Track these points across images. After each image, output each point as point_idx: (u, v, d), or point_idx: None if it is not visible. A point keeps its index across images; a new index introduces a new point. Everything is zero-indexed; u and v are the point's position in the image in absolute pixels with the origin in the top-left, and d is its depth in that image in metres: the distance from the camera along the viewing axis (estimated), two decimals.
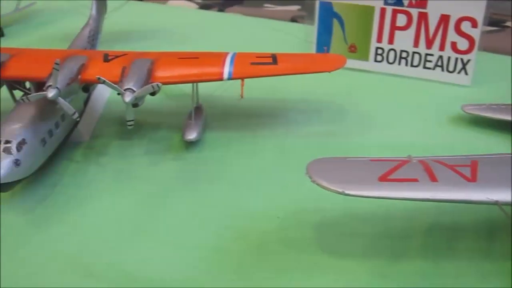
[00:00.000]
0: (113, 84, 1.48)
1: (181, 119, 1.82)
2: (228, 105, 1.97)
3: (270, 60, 1.67)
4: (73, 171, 1.66)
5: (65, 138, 1.68)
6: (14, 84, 1.68)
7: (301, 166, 1.62)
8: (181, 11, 3.01)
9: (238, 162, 1.68)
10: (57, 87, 1.48)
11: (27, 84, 1.72)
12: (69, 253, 1.36)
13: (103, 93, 2.01)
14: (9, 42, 2.59)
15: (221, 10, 2.97)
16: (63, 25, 2.78)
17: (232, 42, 2.50)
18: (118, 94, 1.51)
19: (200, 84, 1.74)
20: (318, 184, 1.17)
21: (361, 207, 1.46)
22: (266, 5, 3.02)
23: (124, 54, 1.71)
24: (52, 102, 1.50)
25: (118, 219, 1.46)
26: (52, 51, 1.78)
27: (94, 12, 2.24)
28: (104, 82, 1.46)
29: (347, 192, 1.14)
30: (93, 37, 2.14)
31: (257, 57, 1.70)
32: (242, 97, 1.60)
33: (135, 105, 1.53)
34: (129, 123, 1.53)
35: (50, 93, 1.47)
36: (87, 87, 1.73)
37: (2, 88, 1.69)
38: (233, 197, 1.53)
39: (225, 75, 1.62)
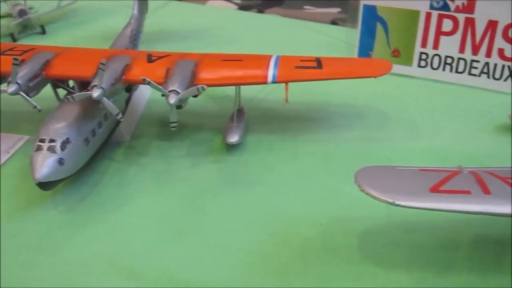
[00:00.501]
0: (158, 85, 1.47)
1: (223, 121, 1.81)
2: (270, 108, 1.94)
3: (314, 64, 1.65)
4: (114, 171, 1.66)
5: (107, 138, 1.69)
6: (58, 82, 1.69)
7: (343, 171, 1.62)
8: (220, 12, 2.99)
9: (279, 166, 1.66)
10: (102, 87, 1.48)
11: (70, 83, 1.73)
12: (110, 253, 1.36)
13: (144, 93, 2.02)
14: (50, 40, 2.61)
15: (260, 11, 2.95)
16: (104, 24, 2.79)
17: (272, 44, 2.49)
18: (163, 95, 1.50)
19: (242, 86, 1.72)
20: (367, 194, 1.14)
21: (405, 216, 1.42)
22: (306, 7, 2.99)
23: (168, 55, 1.70)
24: (97, 102, 1.50)
25: (159, 220, 1.46)
26: (96, 50, 1.78)
27: (136, 11, 2.25)
28: (149, 84, 1.46)
29: (398, 202, 1.11)
30: (135, 37, 2.14)
31: (301, 60, 1.68)
32: (287, 101, 1.58)
33: (179, 106, 1.52)
34: (172, 124, 1.52)
35: (95, 93, 1.47)
36: (130, 87, 1.73)
37: (45, 87, 1.70)
38: (274, 202, 1.51)
39: (269, 79, 1.60)
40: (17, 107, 1.94)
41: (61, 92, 1.73)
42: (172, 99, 1.47)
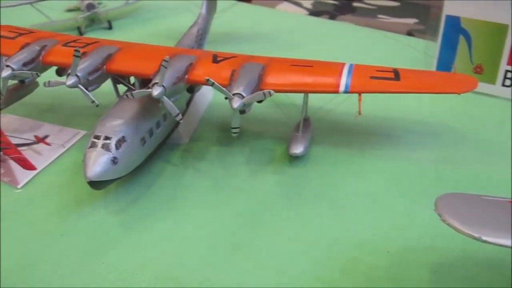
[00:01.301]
0: (221, 87, 1.37)
1: (286, 130, 1.71)
2: (337, 120, 1.82)
3: (391, 75, 1.51)
4: (169, 174, 1.58)
5: (164, 139, 1.61)
6: (118, 78, 1.62)
7: (414, 195, 1.48)
8: (289, 16, 2.89)
9: (344, 183, 1.54)
10: (163, 86, 1.40)
11: (132, 80, 1.66)
12: (158, 263, 1.27)
13: (206, 95, 1.93)
14: (116, 36, 2.59)
15: (332, 17, 2.83)
16: (170, 22, 2.75)
17: (342, 52, 2.37)
18: (226, 98, 1.41)
19: (310, 94, 1.61)
20: (449, 225, 0.99)
21: (485, 252, 1.27)
22: (380, 16, 2.84)
23: (234, 57, 1.61)
24: (156, 101, 1.42)
25: (213, 232, 1.36)
26: (160, 47, 1.71)
27: (204, 10, 2.18)
28: (213, 85, 1.36)
29: (484, 238, 0.96)
30: (201, 37, 2.06)
31: (377, 70, 1.54)
32: (359, 113, 1.45)
33: (242, 111, 1.42)
34: (234, 130, 1.43)
35: (156, 91, 1.39)
36: (192, 88, 1.65)
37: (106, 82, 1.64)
38: (337, 222, 1.39)
39: (342, 88, 1.47)
40: (77, 101, 1.91)
41: (121, 88, 1.67)
42: (236, 103, 1.37)
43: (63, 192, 1.51)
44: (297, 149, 1.57)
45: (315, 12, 2.93)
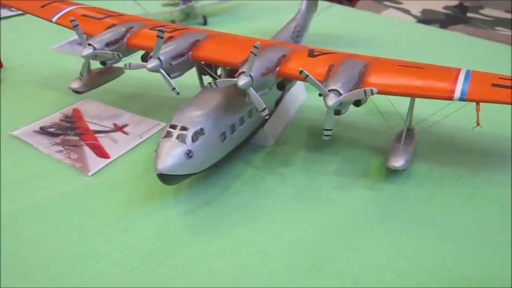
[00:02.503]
0: (316, 81, 1.19)
1: (385, 141, 1.50)
2: (445, 133, 1.58)
3: None
4: (249, 177, 1.42)
5: (247, 138, 1.45)
6: (204, 67, 1.48)
7: None
8: (395, 23, 2.66)
9: (450, 208, 1.30)
10: (250, 75, 1.24)
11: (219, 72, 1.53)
12: (226, 274, 1.12)
13: (298, 97, 1.76)
14: None
15: (443, 27, 2.57)
16: (266, 22, 2.60)
17: (455, 65, 2.10)
18: (320, 95, 1.23)
19: (416, 102, 1.39)
20: None
21: None
22: (498, 28, 2.55)
23: (332, 53, 1.43)
24: (242, 93, 1.27)
25: (292, 246, 1.19)
26: (253, 38, 1.56)
27: (303, 7, 2.01)
28: (306, 78, 1.19)
29: None
30: (298, 34, 1.90)
31: (500, 78, 1.31)
32: (478, 124, 1.22)
33: (337, 112, 1.23)
34: (326, 132, 1.24)
35: (242, 81, 1.23)
36: (283, 84, 1.47)
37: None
38: (441, 253, 1.16)
39: (457, 94, 1.25)
40: (160, 91, 1.80)
41: (206, 80, 1.54)
42: (331, 101, 1.18)
43: (133, 184, 1.40)
44: (397, 162, 1.36)
45: (424, 20, 2.68)
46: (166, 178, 1.21)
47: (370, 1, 2.95)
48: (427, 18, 2.70)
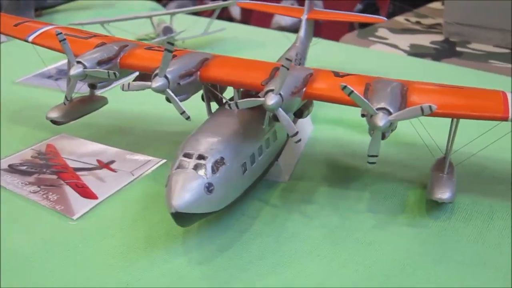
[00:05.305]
0: (364, 99, 1.01)
1: (417, 173, 1.34)
2: (482, 164, 1.41)
3: None
4: (269, 218, 1.20)
5: (264, 172, 1.25)
6: (213, 90, 1.28)
7: None
8: (386, 56, 2.55)
9: (507, 244, 1.12)
10: (280, 94, 1.05)
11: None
12: None
13: (306, 129, 1.57)
14: None
15: (436, 59, 2.48)
16: (253, 54, 2.42)
17: None
18: (363, 116, 1.05)
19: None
20: None
21: None
22: (491, 61, 2.48)
23: (356, 74, 1.26)
24: (259, 119, 1.09)
25: None
26: (260, 61, 1.38)
27: (302, 34, 1.85)
28: (350, 94, 1.00)
29: None
30: (300, 62, 1.72)
31: None
32: None
33: (382, 135, 1.05)
34: (371, 159, 1.05)
35: (271, 100, 1.04)
36: (301, 111, 1.28)
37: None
38: None
39: None
40: (150, 124, 1.59)
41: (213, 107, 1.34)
42: (382, 120, 1.00)
43: (129, 229, 1.16)
44: (444, 194, 1.17)
45: (414, 54, 2.59)
46: (182, 217, 0.99)
47: (354, 37, 2.84)
48: (418, 52, 2.60)
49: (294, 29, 1.92)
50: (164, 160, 1.42)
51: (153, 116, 1.22)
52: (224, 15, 2.50)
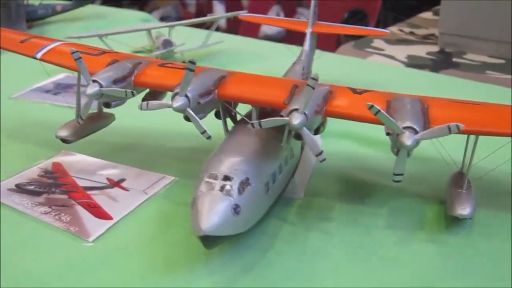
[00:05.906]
0: (390, 118, 1.01)
1: (433, 188, 1.34)
2: (497, 179, 1.41)
3: None
4: (288, 236, 1.19)
5: (283, 190, 1.24)
6: (230, 107, 1.27)
7: None
8: (384, 68, 2.56)
9: None
10: (305, 113, 1.04)
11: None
12: None
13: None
14: None
15: (433, 71, 2.50)
16: (253, 67, 2.42)
17: None
18: (387, 134, 1.04)
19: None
20: None
21: None
22: (488, 72, 2.50)
23: (373, 91, 1.26)
24: (277, 137, 1.10)
25: None
26: (278, 79, 1.37)
27: (307, 47, 1.85)
28: (377, 114, 1.00)
29: None
30: (306, 76, 1.72)
31: None
32: None
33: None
34: (397, 178, 1.05)
35: (296, 120, 1.03)
36: (317, 128, 1.28)
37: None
38: None
39: None
40: (160, 141, 1.57)
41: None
42: (409, 140, 1.00)
43: (147, 250, 1.14)
44: (464, 210, 1.17)
45: (412, 65, 2.61)
46: (210, 240, 0.97)
47: (351, 48, 2.85)
48: (415, 64, 2.62)
49: (279, 37, 1.92)
50: (177, 178, 1.40)
51: (159, 132, 1.21)
52: (210, 24, 2.48)
